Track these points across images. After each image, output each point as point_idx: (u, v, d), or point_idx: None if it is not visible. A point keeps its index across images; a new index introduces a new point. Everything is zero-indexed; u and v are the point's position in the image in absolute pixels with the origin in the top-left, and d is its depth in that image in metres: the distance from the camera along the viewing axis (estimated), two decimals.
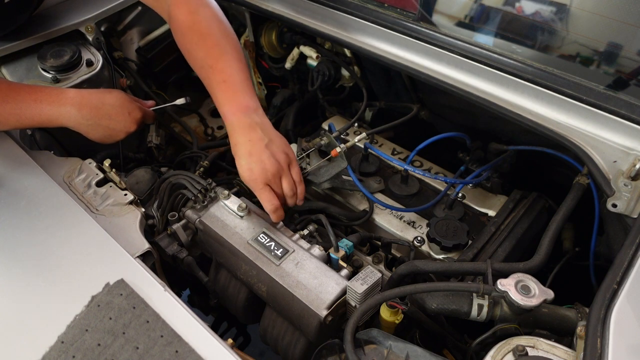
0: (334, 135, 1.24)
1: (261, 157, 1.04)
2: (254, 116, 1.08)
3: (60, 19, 1.43)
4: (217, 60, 1.11)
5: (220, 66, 1.10)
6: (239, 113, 1.07)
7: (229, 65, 1.11)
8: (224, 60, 1.11)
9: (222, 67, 1.10)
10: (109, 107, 1.20)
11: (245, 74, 1.12)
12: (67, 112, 1.16)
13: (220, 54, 1.12)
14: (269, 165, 1.04)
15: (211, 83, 1.11)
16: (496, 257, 1.05)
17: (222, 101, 1.09)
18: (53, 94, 1.16)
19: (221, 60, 1.11)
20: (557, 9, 1.18)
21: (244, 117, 1.07)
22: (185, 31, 1.15)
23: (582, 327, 0.76)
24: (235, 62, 1.12)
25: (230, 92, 1.09)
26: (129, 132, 1.26)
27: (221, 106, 1.10)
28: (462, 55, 1.14)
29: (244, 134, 1.06)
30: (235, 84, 1.10)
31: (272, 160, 1.05)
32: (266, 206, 1.05)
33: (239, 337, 1.50)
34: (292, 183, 1.09)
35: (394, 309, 0.91)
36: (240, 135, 1.06)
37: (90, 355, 0.81)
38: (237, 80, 1.10)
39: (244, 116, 1.07)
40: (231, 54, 1.12)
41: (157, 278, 0.91)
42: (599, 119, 1.00)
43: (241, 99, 1.09)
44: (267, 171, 1.04)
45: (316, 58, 1.48)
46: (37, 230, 1.00)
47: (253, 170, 1.04)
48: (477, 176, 1.20)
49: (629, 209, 0.97)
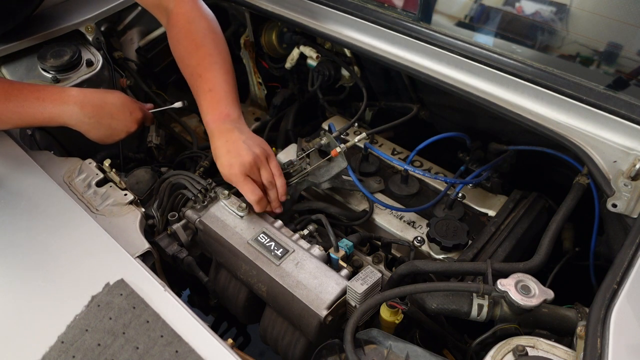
0: (334, 135, 1.24)
1: (239, 151, 1.07)
2: (235, 123, 1.13)
3: (60, 19, 1.43)
4: (207, 70, 1.17)
5: (209, 76, 1.16)
6: (219, 121, 1.12)
7: (217, 76, 1.16)
8: (213, 70, 1.17)
9: (209, 77, 1.16)
10: (111, 105, 1.22)
11: (231, 86, 1.17)
12: (69, 110, 1.16)
13: (210, 64, 1.17)
14: (246, 157, 1.07)
15: (198, 91, 1.17)
16: (496, 257, 1.05)
17: (206, 109, 1.15)
18: (56, 93, 1.17)
19: (210, 70, 1.17)
20: (557, 9, 1.18)
21: (224, 124, 1.12)
22: (182, 39, 1.21)
23: (582, 327, 0.76)
24: (223, 73, 1.17)
25: (215, 101, 1.15)
26: (129, 132, 1.26)
27: (205, 115, 1.15)
28: (462, 55, 1.14)
29: (222, 137, 1.10)
30: (219, 93, 1.15)
31: (249, 152, 1.07)
32: (249, 197, 1.07)
33: (239, 337, 1.50)
34: (270, 174, 1.11)
35: (394, 309, 0.91)
36: (219, 139, 1.10)
37: (90, 355, 0.81)
38: (222, 90, 1.15)
39: (224, 123, 1.12)
40: (221, 65, 1.18)
41: (157, 278, 0.91)
42: (599, 119, 1.00)
43: (223, 108, 1.14)
44: (244, 163, 1.07)
45: (316, 58, 1.48)
46: (37, 230, 1.00)
47: (232, 165, 1.07)
48: (477, 176, 1.20)
49: (629, 209, 0.97)
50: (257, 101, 1.82)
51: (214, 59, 1.18)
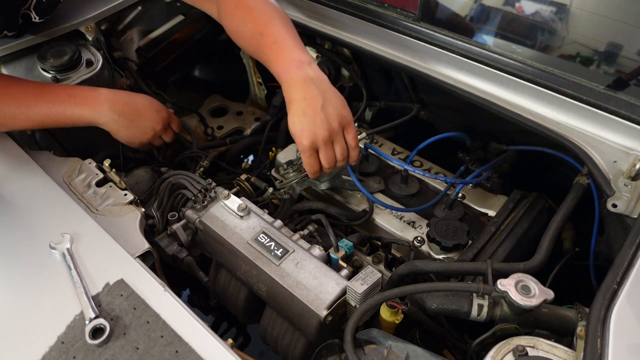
0: None
1: (315, 119, 1.00)
2: (308, 70, 1.04)
3: (60, 19, 1.43)
4: (266, 26, 1.11)
5: (269, 31, 1.10)
6: (293, 69, 1.04)
7: (278, 29, 1.10)
8: (272, 25, 1.11)
9: (270, 31, 1.10)
10: (139, 104, 1.25)
11: (294, 35, 1.11)
12: (100, 109, 1.19)
13: (268, 20, 1.11)
14: (321, 130, 1.01)
15: (262, 49, 1.10)
16: (496, 257, 1.05)
17: (275, 61, 1.07)
18: (87, 91, 1.20)
19: (269, 25, 1.11)
20: (557, 9, 1.18)
21: (298, 71, 1.04)
22: (233, 10, 1.16)
23: (582, 327, 0.76)
24: (283, 25, 1.11)
25: (282, 51, 1.07)
26: (156, 131, 1.29)
27: (274, 66, 1.07)
28: (462, 55, 1.14)
29: (298, 90, 1.02)
30: (285, 42, 1.08)
31: (325, 125, 1.01)
32: (307, 168, 1.07)
33: (239, 337, 1.49)
34: (344, 147, 1.05)
35: (394, 309, 0.91)
36: (295, 91, 1.03)
37: (90, 355, 0.81)
38: (288, 39, 1.09)
39: (298, 70, 1.04)
40: (279, 18, 1.12)
41: (157, 278, 0.91)
42: (599, 119, 1.00)
43: (293, 54, 1.06)
44: (317, 136, 1.01)
45: (316, 58, 1.48)
46: (37, 230, 1.00)
47: (304, 131, 1.01)
48: (477, 176, 1.20)
49: (629, 209, 0.97)
50: (257, 101, 1.82)
51: (271, 15, 1.12)
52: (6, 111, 1.14)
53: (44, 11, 1.30)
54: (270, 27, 1.10)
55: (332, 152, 1.04)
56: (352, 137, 1.06)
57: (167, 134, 1.35)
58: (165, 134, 1.35)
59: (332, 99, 1.04)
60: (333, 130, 1.02)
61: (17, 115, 1.15)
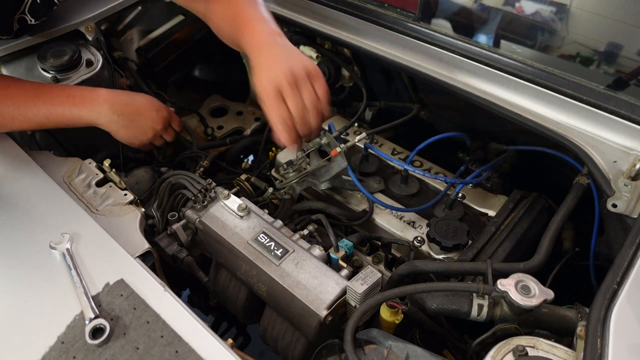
0: (334, 135, 1.23)
1: (278, 70, 0.94)
2: (277, 38, 1.02)
3: (60, 19, 1.43)
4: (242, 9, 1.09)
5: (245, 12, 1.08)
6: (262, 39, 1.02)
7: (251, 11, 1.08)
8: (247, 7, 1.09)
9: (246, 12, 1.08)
10: (139, 103, 1.24)
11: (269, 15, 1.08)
12: (99, 109, 1.19)
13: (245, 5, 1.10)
14: (285, 74, 0.93)
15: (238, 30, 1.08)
16: (496, 257, 1.05)
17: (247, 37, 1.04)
18: (86, 91, 1.20)
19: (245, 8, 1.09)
20: (557, 9, 1.18)
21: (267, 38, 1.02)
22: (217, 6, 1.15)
23: (582, 327, 0.76)
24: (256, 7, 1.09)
25: (254, 27, 1.05)
26: (156, 130, 1.29)
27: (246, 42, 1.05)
28: (462, 55, 1.14)
29: (262, 53, 0.99)
30: (258, 20, 1.06)
31: (289, 72, 0.94)
32: (273, 119, 0.96)
33: (239, 337, 1.49)
34: (312, 95, 0.96)
35: (394, 309, 0.91)
36: (259, 54, 1.00)
37: (90, 355, 0.81)
38: (261, 18, 1.06)
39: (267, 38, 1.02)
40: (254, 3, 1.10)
41: (157, 278, 0.91)
42: (599, 119, 1.00)
43: (264, 28, 1.04)
44: (280, 79, 0.93)
45: (316, 58, 1.48)
46: (37, 230, 1.00)
47: (262, 80, 0.95)
48: (477, 176, 1.20)
49: (629, 209, 0.97)
50: (257, 101, 1.82)
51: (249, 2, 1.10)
52: (5, 112, 1.14)
53: (39, 12, 1.29)
54: (246, 9, 1.09)
55: (299, 97, 0.95)
56: (322, 89, 0.98)
57: (168, 133, 1.35)
58: (166, 134, 1.34)
59: (299, 56, 0.99)
60: (299, 76, 0.95)
61: (16, 116, 1.14)
